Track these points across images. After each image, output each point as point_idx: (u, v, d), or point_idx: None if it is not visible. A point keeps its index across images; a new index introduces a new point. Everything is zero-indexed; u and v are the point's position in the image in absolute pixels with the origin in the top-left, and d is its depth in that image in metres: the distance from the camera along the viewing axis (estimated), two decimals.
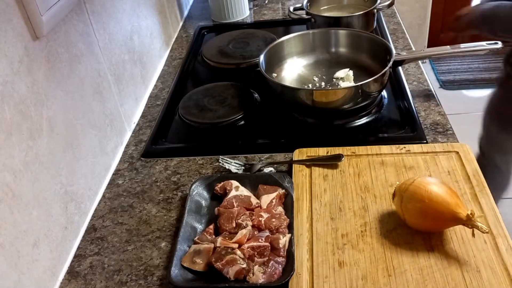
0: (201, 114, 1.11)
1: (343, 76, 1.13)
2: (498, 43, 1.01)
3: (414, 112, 1.03)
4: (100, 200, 0.93)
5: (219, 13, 1.60)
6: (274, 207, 0.80)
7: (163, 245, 0.82)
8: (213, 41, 1.45)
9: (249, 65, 1.30)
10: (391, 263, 0.71)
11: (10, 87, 0.69)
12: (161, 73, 1.35)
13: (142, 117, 1.16)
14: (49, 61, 0.79)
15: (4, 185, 0.66)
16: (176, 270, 0.72)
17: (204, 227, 0.81)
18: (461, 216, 0.69)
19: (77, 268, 0.80)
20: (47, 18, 0.76)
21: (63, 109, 0.83)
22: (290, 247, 0.73)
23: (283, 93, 1.05)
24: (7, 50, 0.69)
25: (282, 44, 1.18)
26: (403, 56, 1.08)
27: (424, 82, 1.15)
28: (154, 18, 1.34)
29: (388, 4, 1.36)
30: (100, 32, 0.99)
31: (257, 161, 0.97)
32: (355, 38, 1.18)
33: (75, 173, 0.85)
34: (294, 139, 1.01)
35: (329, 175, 0.88)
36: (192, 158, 1.00)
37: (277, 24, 1.56)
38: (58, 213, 0.79)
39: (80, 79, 0.89)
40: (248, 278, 0.70)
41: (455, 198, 0.71)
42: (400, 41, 1.36)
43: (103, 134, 0.97)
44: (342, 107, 1.00)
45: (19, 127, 0.70)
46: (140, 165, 1.01)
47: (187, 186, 0.93)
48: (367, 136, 1.00)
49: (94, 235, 0.86)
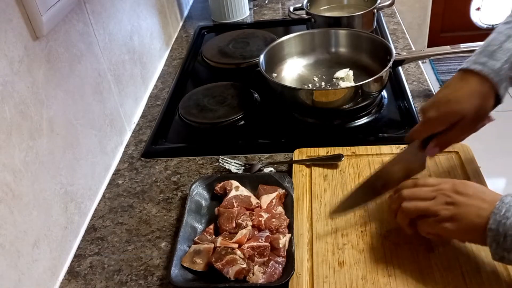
0: (201, 114, 1.11)
1: (343, 76, 1.13)
2: None
3: (414, 112, 1.03)
4: (100, 200, 0.93)
5: (219, 13, 1.60)
6: (274, 207, 0.80)
7: (163, 245, 0.82)
8: (213, 41, 1.45)
9: (249, 65, 1.30)
10: (391, 263, 0.71)
11: (10, 87, 0.69)
12: (161, 73, 1.35)
13: (142, 117, 1.16)
14: (49, 61, 0.79)
15: (4, 185, 0.66)
16: (176, 270, 0.72)
17: (204, 227, 0.81)
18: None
19: (77, 268, 0.80)
20: (47, 18, 0.76)
21: (63, 109, 0.83)
22: (290, 247, 0.73)
23: (283, 93, 1.05)
24: (7, 50, 0.69)
25: (282, 44, 1.18)
26: (403, 56, 1.08)
27: (424, 82, 1.15)
28: (154, 18, 1.34)
29: (388, 4, 1.36)
30: (100, 32, 0.99)
31: (257, 161, 0.97)
32: (355, 38, 1.18)
33: (75, 173, 0.85)
34: (294, 139, 1.01)
35: (329, 175, 0.88)
36: (192, 158, 1.00)
37: (277, 24, 1.56)
38: (58, 213, 0.79)
39: (80, 79, 0.89)
40: (248, 278, 0.70)
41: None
42: (400, 41, 1.36)
43: (103, 134, 0.97)
44: (342, 107, 1.00)
45: (19, 127, 0.70)
46: (140, 165, 1.01)
47: (187, 186, 0.93)
48: (367, 136, 1.00)
49: (94, 235, 0.86)
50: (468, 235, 0.63)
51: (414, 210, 0.66)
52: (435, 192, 0.66)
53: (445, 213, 0.63)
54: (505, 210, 0.59)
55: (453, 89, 0.70)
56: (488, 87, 0.67)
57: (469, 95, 0.68)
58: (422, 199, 0.66)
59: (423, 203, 0.66)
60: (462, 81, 0.69)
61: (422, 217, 0.66)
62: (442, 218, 0.63)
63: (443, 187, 0.66)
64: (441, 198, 0.64)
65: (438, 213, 0.64)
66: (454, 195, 0.64)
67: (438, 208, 0.64)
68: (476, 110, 0.68)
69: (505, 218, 0.58)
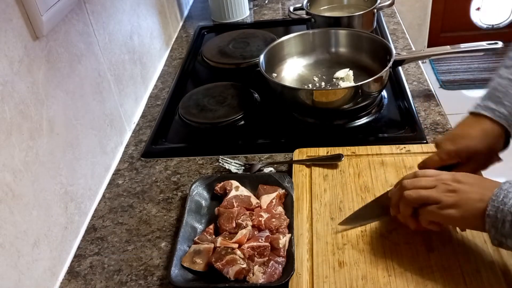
0: (201, 114, 1.11)
1: (343, 76, 1.13)
2: (498, 43, 1.01)
3: (414, 112, 1.03)
4: (100, 200, 0.93)
5: (219, 13, 1.60)
6: (274, 207, 0.80)
7: (163, 245, 0.82)
8: (213, 41, 1.45)
9: (249, 65, 1.30)
10: (391, 263, 0.71)
11: (10, 87, 0.69)
12: (161, 73, 1.35)
13: (142, 117, 1.16)
14: (49, 61, 0.79)
15: (4, 185, 0.66)
16: (176, 270, 0.72)
17: (204, 227, 0.81)
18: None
19: (77, 268, 0.80)
20: (47, 18, 0.76)
21: (63, 109, 0.83)
22: (290, 247, 0.73)
23: (283, 93, 1.05)
24: (7, 50, 0.69)
25: (282, 44, 1.18)
26: (403, 56, 1.08)
27: (424, 82, 1.15)
28: (154, 18, 1.34)
29: (388, 4, 1.36)
30: (100, 32, 0.99)
31: (257, 161, 0.97)
32: (355, 38, 1.18)
33: (75, 173, 0.85)
34: (294, 139, 1.01)
35: (329, 175, 0.88)
36: (192, 158, 1.00)
37: (277, 24, 1.56)
38: (58, 213, 0.79)
39: (80, 79, 0.89)
40: (248, 278, 0.70)
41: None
42: (400, 41, 1.36)
43: (103, 134, 0.97)
44: (342, 107, 1.00)
45: (19, 127, 0.70)
46: (140, 165, 1.01)
47: (187, 186, 0.93)
48: (367, 136, 1.00)
49: (94, 235, 0.86)
50: (470, 221, 0.64)
51: (416, 198, 0.67)
52: (436, 182, 0.67)
53: (448, 199, 0.64)
54: (503, 196, 0.60)
55: (468, 126, 0.75)
56: (499, 130, 0.73)
57: (482, 134, 0.73)
58: (423, 187, 0.67)
59: (425, 191, 0.67)
60: (476, 121, 0.74)
61: (424, 206, 0.67)
62: (445, 204, 0.64)
63: (443, 177, 0.67)
64: (442, 186, 0.66)
65: (441, 200, 0.65)
66: (455, 183, 0.65)
67: (440, 195, 0.65)
68: (488, 148, 0.73)
69: (502, 204, 0.59)
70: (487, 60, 2.93)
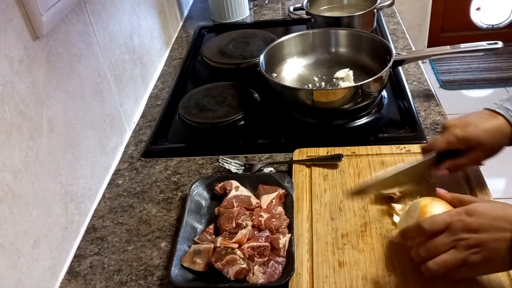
0: (201, 114, 1.11)
1: (343, 76, 1.13)
2: (498, 43, 1.01)
3: (414, 112, 1.03)
4: (100, 200, 0.93)
5: (219, 13, 1.60)
6: (274, 207, 0.80)
7: (163, 245, 0.82)
8: (213, 41, 1.45)
9: (249, 65, 1.30)
10: (391, 263, 0.71)
11: (10, 87, 0.69)
12: (161, 73, 1.35)
13: (142, 117, 1.16)
14: (49, 61, 0.79)
15: (4, 185, 0.66)
16: (176, 270, 0.72)
17: (204, 227, 0.81)
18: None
19: (77, 268, 0.80)
20: (47, 18, 0.76)
21: (63, 109, 0.83)
22: (290, 247, 0.73)
23: (283, 93, 1.05)
24: (7, 50, 0.69)
25: (282, 44, 1.18)
26: (403, 56, 1.08)
27: (424, 82, 1.15)
28: (154, 18, 1.34)
29: (388, 4, 1.36)
30: (100, 32, 0.99)
31: (257, 161, 0.97)
32: (355, 38, 1.18)
33: (75, 173, 0.85)
34: (294, 139, 1.01)
35: (329, 175, 0.88)
36: (192, 158, 1.00)
37: (277, 24, 1.56)
38: (58, 213, 0.79)
39: (80, 79, 0.89)
40: (248, 278, 0.70)
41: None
42: (400, 41, 1.36)
43: (103, 134, 0.97)
44: (342, 107, 1.00)
45: (19, 127, 0.70)
46: (140, 165, 1.01)
47: (187, 186, 0.93)
48: (367, 136, 1.00)
49: (94, 235, 0.86)
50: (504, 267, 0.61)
51: (443, 269, 0.63)
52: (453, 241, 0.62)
53: (475, 259, 0.60)
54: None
55: (483, 118, 0.76)
56: (510, 130, 0.74)
57: (495, 128, 0.74)
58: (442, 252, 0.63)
59: (448, 258, 0.62)
60: (492, 116, 0.76)
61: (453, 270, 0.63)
62: (475, 263, 0.61)
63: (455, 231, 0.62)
64: (461, 244, 0.61)
65: (468, 261, 0.61)
66: (472, 234, 0.61)
67: (465, 256, 0.61)
68: (495, 143, 0.75)
69: None
70: (487, 60, 2.93)
